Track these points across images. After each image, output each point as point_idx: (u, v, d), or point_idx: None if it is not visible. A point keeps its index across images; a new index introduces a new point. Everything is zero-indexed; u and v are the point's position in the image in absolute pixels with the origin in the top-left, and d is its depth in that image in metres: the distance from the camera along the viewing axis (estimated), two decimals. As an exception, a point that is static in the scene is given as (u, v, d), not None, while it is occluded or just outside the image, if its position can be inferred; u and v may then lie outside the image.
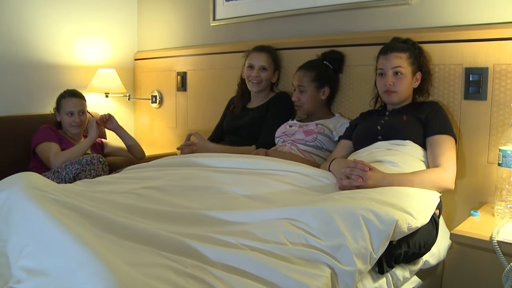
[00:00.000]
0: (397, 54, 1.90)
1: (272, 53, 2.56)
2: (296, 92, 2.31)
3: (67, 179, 2.27)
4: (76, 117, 2.64)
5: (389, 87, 1.91)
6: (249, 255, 1.15)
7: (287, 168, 1.81)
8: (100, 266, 0.95)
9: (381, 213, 1.33)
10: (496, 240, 1.42)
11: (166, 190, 1.65)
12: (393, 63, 1.90)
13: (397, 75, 1.90)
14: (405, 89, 1.92)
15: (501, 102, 1.86)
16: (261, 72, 2.51)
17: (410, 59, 1.91)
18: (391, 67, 1.90)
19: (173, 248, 1.14)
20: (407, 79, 1.91)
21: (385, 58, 1.92)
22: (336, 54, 2.34)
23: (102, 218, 1.27)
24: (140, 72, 3.64)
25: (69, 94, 2.68)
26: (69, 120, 2.64)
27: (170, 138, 3.43)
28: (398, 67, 1.89)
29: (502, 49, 1.84)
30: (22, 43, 3.03)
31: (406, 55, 1.91)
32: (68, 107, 2.64)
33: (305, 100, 2.29)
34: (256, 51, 2.56)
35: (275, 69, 2.57)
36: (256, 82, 2.52)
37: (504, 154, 1.60)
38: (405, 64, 1.90)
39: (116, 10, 3.54)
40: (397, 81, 1.90)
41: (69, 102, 2.64)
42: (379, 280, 1.42)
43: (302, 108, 2.32)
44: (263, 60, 2.52)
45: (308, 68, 2.29)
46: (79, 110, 2.65)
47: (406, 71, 1.90)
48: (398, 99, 1.94)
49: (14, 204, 1.25)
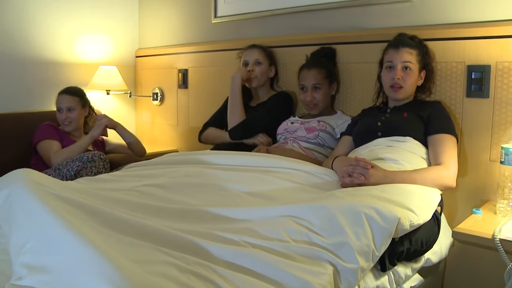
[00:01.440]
0: (408, 50, 1.90)
1: (264, 49, 2.58)
2: (309, 92, 2.27)
3: (68, 176, 2.27)
4: (63, 114, 2.63)
5: (397, 81, 1.90)
6: (251, 253, 1.15)
7: (289, 166, 1.81)
8: (103, 264, 0.95)
9: (383, 211, 1.33)
10: (498, 238, 1.42)
11: (168, 187, 1.65)
12: (403, 57, 1.89)
13: (406, 70, 1.90)
14: (411, 85, 1.92)
15: (503, 99, 1.85)
16: (256, 66, 2.53)
17: (419, 57, 1.92)
18: (401, 61, 1.89)
19: (175, 245, 1.14)
20: (414, 76, 1.91)
21: (395, 52, 1.91)
22: (329, 50, 2.36)
23: (104, 215, 1.27)
24: (141, 69, 3.64)
25: (62, 91, 2.69)
26: (59, 116, 2.65)
27: (171, 135, 3.43)
28: (408, 62, 1.89)
29: (505, 46, 1.83)
30: (23, 41, 3.03)
31: (416, 51, 1.91)
32: (57, 103, 2.66)
33: (321, 98, 2.28)
34: (249, 48, 2.60)
35: (270, 63, 2.57)
36: (252, 77, 2.54)
37: (506, 152, 1.60)
38: (414, 60, 1.90)
39: (117, 7, 3.54)
40: (405, 76, 1.90)
41: (59, 99, 2.66)
42: (381, 278, 1.42)
43: (317, 107, 2.29)
44: (257, 54, 2.55)
45: (319, 66, 2.28)
46: (66, 106, 2.63)
47: (414, 67, 1.90)
48: (403, 95, 1.93)
49: (16, 199, 1.25)
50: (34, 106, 3.08)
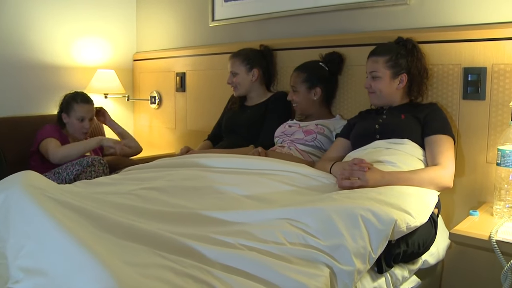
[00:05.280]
0: (374, 58, 1.98)
1: (241, 55, 2.57)
2: (290, 92, 2.36)
3: (67, 180, 2.27)
4: (86, 123, 2.64)
5: (368, 89, 2.01)
6: (248, 255, 1.15)
7: (286, 168, 1.81)
8: (98, 268, 0.95)
9: (380, 213, 1.33)
10: (495, 239, 1.42)
11: (165, 190, 1.65)
12: (369, 67, 2.00)
13: (374, 79, 1.98)
14: (382, 91, 1.97)
15: (499, 102, 1.86)
16: (233, 78, 2.57)
17: (389, 63, 1.95)
18: (368, 71, 2.00)
19: (172, 248, 1.14)
20: (384, 82, 1.96)
21: (367, 62, 2.02)
22: (334, 56, 2.35)
23: (101, 218, 1.27)
24: (139, 72, 3.64)
25: (82, 99, 2.65)
26: (79, 125, 2.63)
27: (169, 138, 3.43)
28: (374, 72, 1.97)
29: (501, 49, 1.84)
30: (21, 44, 3.03)
31: (384, 58, 1.95)
32: (80, 113, 2.62)
33: (298, 100, 2.32)
34: (229, 59, 2.61)
35: (250, 68, 2.56)
36: (232, 87, 2.61)
37: (502, 153, 1.60)
38: (381, 67, 1.95)
39: (115, 11, 3.54)
40: (374, 84, 1.98)
41: (82, 108, 2.63)
42: (378, 280, 1.42)
43: (297, 108, 2.36)
44: (231, 66, 2.58)
45: (301, 70, 2.33)
46: (90, 116, 2.66)
47: (381, 74, 1.96)
48: (377, 100, 2.02)
49: (13, 203, 1.25)
50: (32, 110, 3.08)
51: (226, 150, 2.37)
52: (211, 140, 2.73)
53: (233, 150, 2.34)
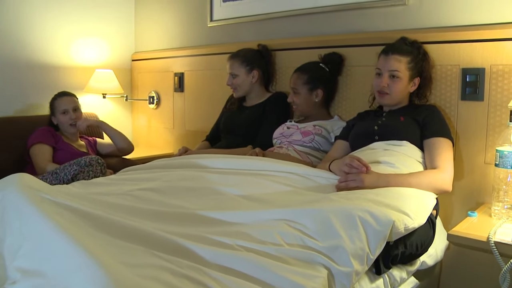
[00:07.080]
0: (397, 57, 1.89)
1: (240, 57, 2.56)
2: (291, 94, 2.33)
3: (65, 180, 2.26)
4: (71, 114, 2.68)
5: (382, 88, 1.91)
6: (245, 256, 1.15)
7: (284, 169, 1.81)
8: (96, 269, 0.94)
9: (378, 214, 1.33)
10: (493, 240, 1.42)
11: (162, 191, 1.64)
12: (390, 65, 1.89)
13: (393, 78, 1.90)
14: (398, 92, 1.92)
15: (498, 102, 1.86)
16: (233, 79, 2.56)
17: (411, 64, 1.90)
18: (388, 69, 1.90)
19: (169, 249, 1.14)
20: (403, 83, 1.90)
21: (384, 59, 1.92)
22: (334, 56, 2.34)
23: (98, 218, 1.26)
24: (137, 73, 3.64)
25: (59, 95, 2.74)
26: (65, 118, 2.68)
27: (168, 139, 3.43)
28: (395, 71, 1.88)
29: (499, 49, 1.84)
30: (19, 44, 3.02)
31: (407, 59, 1.89)
32: (61, 106, 2.69)
33: (299, 102, 2.30)
34: (228, 60, 2.60)
35: (250, 69, 2.54)
36: (232, 89, 2.59)
37: (501, 154, 1.60)
38: (403, 68, 1.88)
39: (113, 11, 3.54)
40: (392, 84, 1.90)
41: (62, 101, 2.70)
42: (376, 281, 1.41)
43: (297, 109, 2.34)
44: (231, 67, 2.57)
45: (302, 71, 2.30)
46: (72, 106, 2.70)
47: (403, 75, 1.89)
48: (390, 101, 1.95)
49: (10, 204, 1.24)
50: (29, 110, 3.07)
51: (224, 150, 2.37)
52: (209, 141, 2.73)
53: (231, 150, 2.34)
